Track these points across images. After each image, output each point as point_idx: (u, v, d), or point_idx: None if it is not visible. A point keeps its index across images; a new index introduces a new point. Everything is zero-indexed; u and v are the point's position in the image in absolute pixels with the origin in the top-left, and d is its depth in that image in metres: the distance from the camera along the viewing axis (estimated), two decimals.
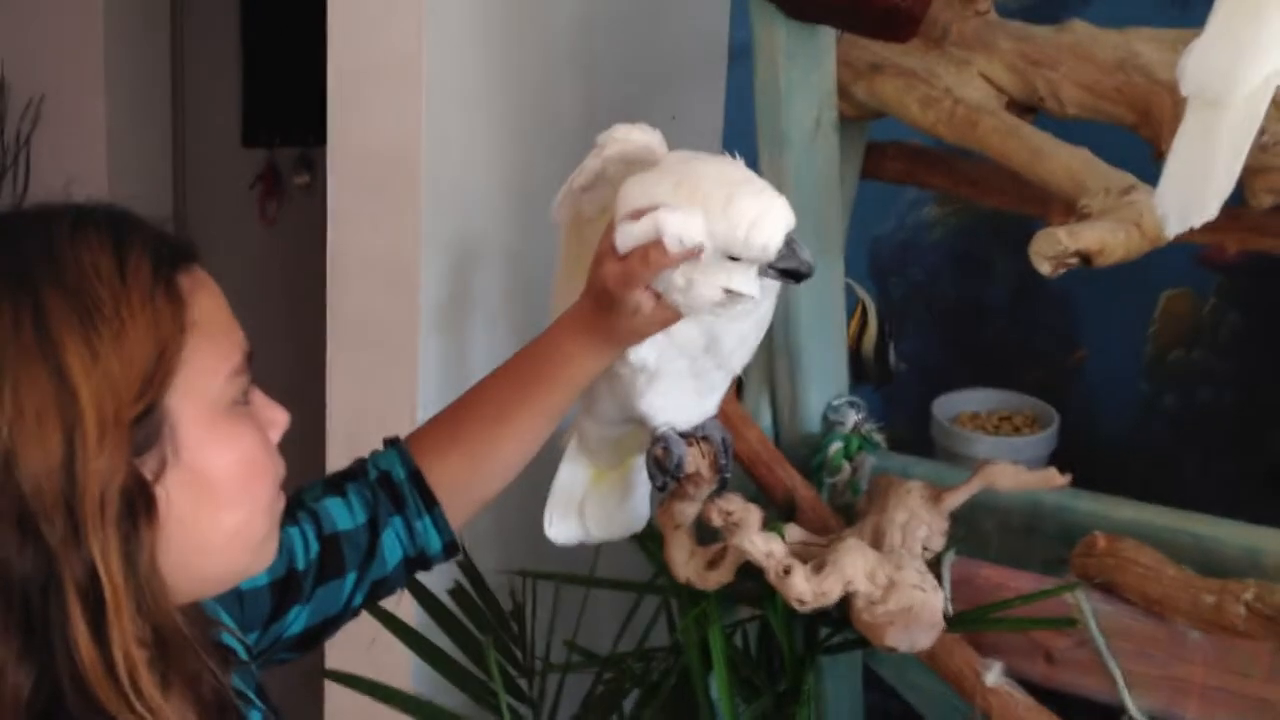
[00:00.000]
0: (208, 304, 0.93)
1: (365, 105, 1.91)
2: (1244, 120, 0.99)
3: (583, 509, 1.49)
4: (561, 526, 1.48)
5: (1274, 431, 2.24)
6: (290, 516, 1.10)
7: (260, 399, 0.98)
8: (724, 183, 1.19)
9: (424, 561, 1.25)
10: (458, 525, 1.26)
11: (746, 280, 1.21)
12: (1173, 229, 1.04)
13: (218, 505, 0.92)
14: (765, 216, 1.17)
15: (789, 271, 1.20)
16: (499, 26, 1.95)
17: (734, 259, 1.18)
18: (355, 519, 1.21)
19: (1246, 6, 1.00)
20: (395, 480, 1.23)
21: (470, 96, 1.93)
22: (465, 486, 1.25)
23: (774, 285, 1.26)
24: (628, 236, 1.18)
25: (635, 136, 1.30)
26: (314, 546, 1.18)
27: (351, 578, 1.19)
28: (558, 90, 2.07)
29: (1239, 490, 2.27)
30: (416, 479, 1.23)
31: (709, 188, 1.18)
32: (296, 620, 1.16)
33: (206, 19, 3.39)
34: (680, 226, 1.16)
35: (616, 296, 1.17)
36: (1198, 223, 1.01)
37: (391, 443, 1.27)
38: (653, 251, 1.15)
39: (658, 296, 1.20)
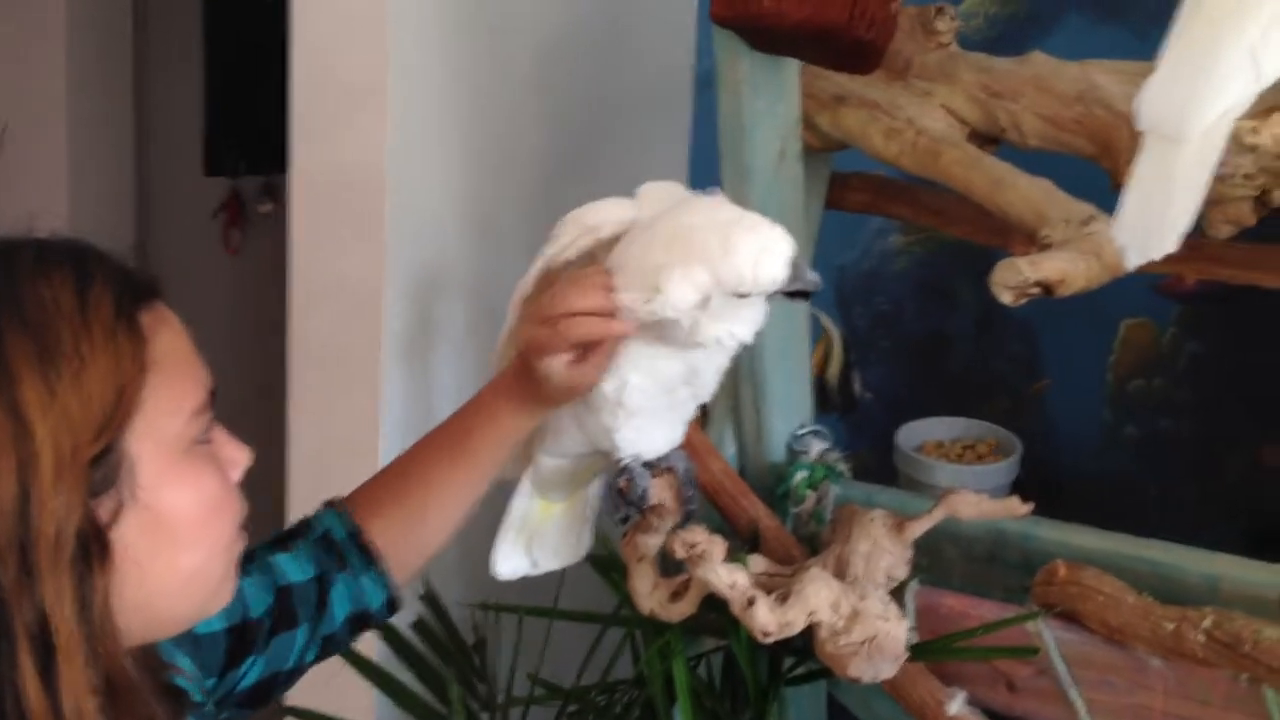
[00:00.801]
0: (170, 341, 0.92)
1: (328, 132, 1.90)
2: (1201, 156, 1.00)
3: (530, 542, 1.49)
4: (511, 561, 1.48)
5: (1233, 459, 2.26)
6: (240, 569, 1.09)
7: (222, 437, 0.97)
8: (715, 227, 1.20)
9: (366, 619, 1.24)
10: (401, 583, 1.26)
11: (755, 313, 1.23)
12: (1132, 262, 1.05)
13: (176, 547, 0.90)
14: (766, 250, 1.18)
15: (797, 293, 1.21)
16: (463, 54, 1.95)
17: (743, 296, 1.19)
18: (304, 573, 1.20)
19: (1200, 42, 1.01)
20: (336, 539, 1.23)
21: (434, 123, 1.93)
22: (405, 543, 1.26)
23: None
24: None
25: (622, 215, 1.30)
26: (267, 597, 1.16)
27: (303, 631, 1.18)
28: (523, 117, 2.07)
29: (1198, 517, 2.29)
30: (356, 537, 1.24)
31: (702, 237, 1.19)
32: (251, 670, 1.14)
33: (169, 47, 3.38)
34: (685, 292, 1.17)
35: (532, 361, 1.21)
36: (1157, 256, 1.02)
37: (329, 504, 1.27)
38: (563, 324, 1.19)
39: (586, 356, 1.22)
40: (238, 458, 0.97)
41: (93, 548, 0.85)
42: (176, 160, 3.44)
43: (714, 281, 1.18)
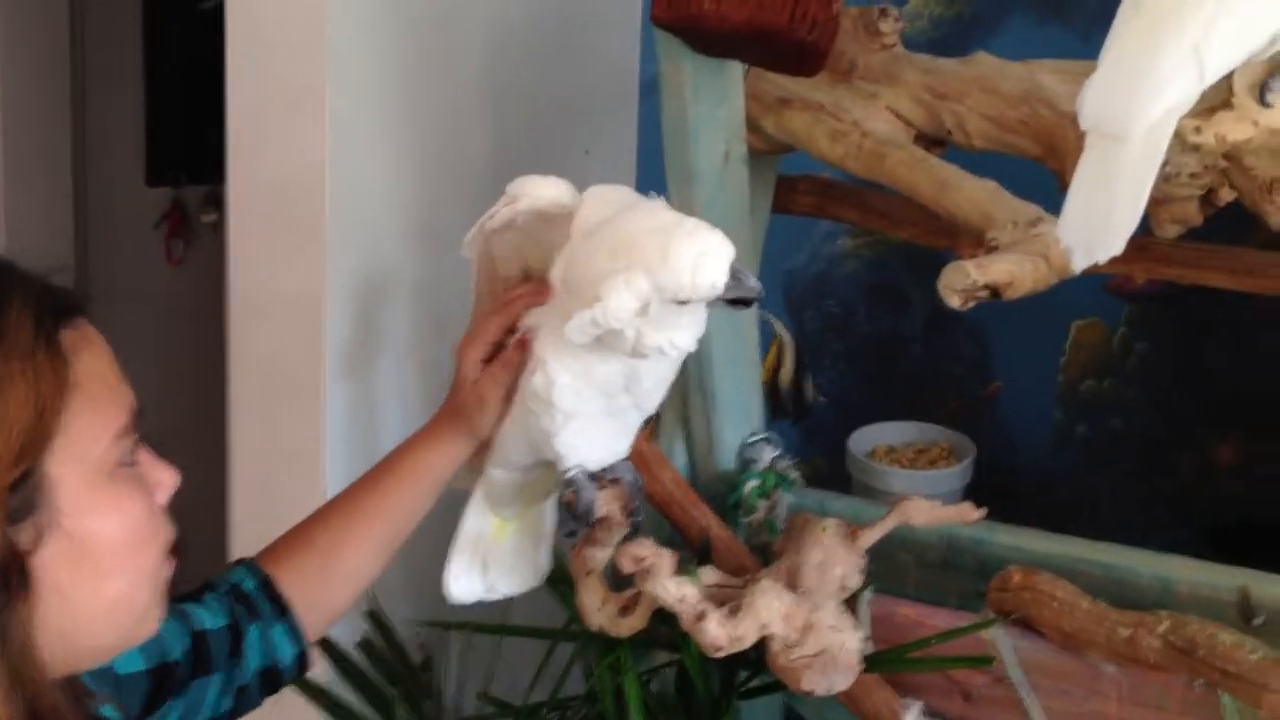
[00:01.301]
0: (92, 362, 0.88)
1: (267, 140, 1.86)
2: (1145, 155, 0.98)
3: (485, 563, 1.46)
4: (464, 583, 1.45)
5: (1184, 457, 2.26)
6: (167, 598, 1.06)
7: (148, 459, 0.93)
8: (655, 232, 1.18)
9: (277, 676, 1.21)
10: (313, 637, 1.24)
11: (696, 320, 1.21)
12: (1079, 263, 1.03)
13: (99, 574, 0.87)
14: (705, 256, 1.16)
15: (738, 300, 1.19)
16: (404, 58, 1.91)
17: (683, 302, 1.17)
18: (217, 620, 1.17)
19: (1141, 41, 0.99)
20: (246, 590, 1.21)
21: (376, 130, 1.89)
22: (318, 594, 1.24)
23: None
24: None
25: (546, 192, 1.30)
26: (184, 640, 1.13)
27: (218, 679, 1.15)
28: (466, 124, 2.04)
29: (1152, 517, 2.29)
30: (267, 586, 1.21)
31: (642, 242, 1.17)
32: (169, 716, 1.11)
33: (108, 55, 3.32)
34: (624, 300, 1.16)
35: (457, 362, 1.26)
36: (1104, 259, 1.00)
37: (238, 562, 1.25)
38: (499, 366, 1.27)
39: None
40: (164, 480, 0.94)
41: (13, 576, 0.81)
42: (117, 171, 3.37)
43: (654, 288, 1.16)
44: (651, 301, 1.16)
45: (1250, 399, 2.21)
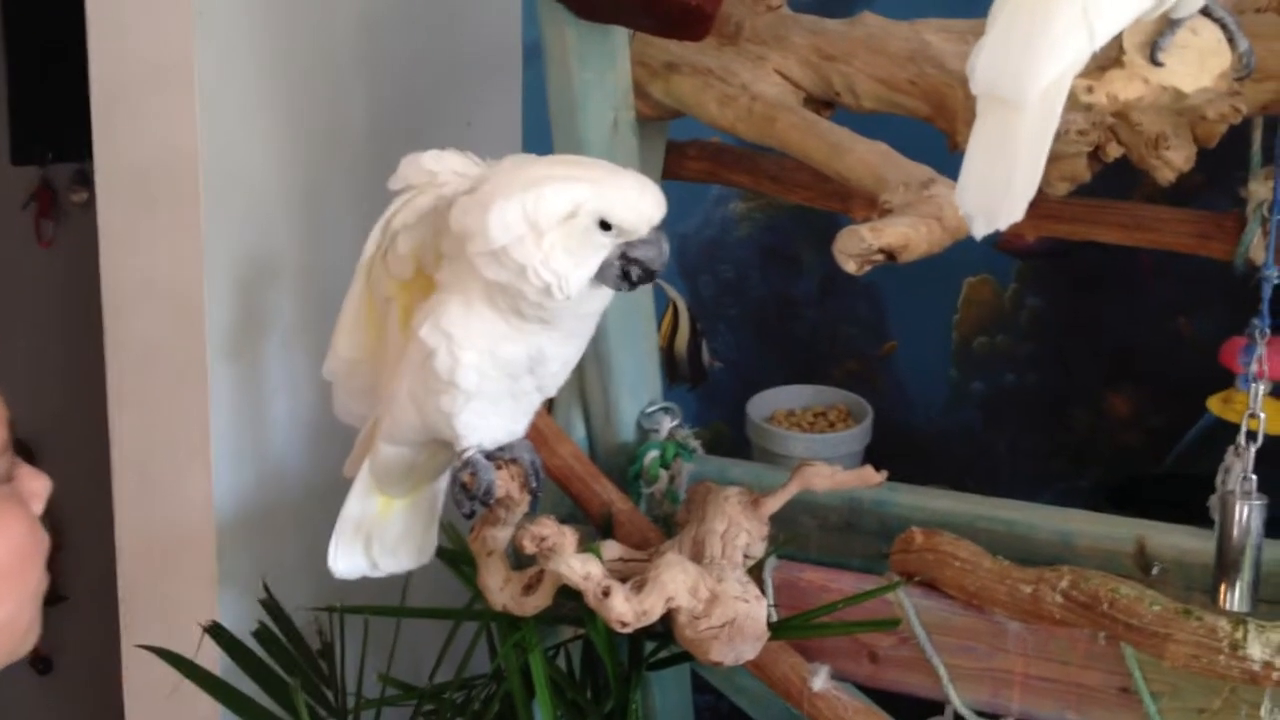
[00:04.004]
0: None
1: (134, 115, 1.78)
2: (1041, 119, 0.97)
3: (369, 540, 1.44)
4: (346, 559, 1.44)
5: (1078, 410, 2.30)
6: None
7: (22, 471, 0.89)
8: (608, 164, 1.26)
9: None
10: None
11: (587, 266, 1.22)
12: (980, 230, 1.02)
13: None
14: (650, 191, 1.23)
15: (639, 264, 1.23)
16: (277, 28, 1.84)
17: (605, 228, 1.20)
18: None
19: (1032, 5, 0.98)
20: None
21: (249, 102, 1.82)
22: None
23: (600, 307, 1.29)
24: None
25: (465, 168, 1.29)
26: None
27: None
28: (345, 95, 1.98)
29: (1049, 469, 2.33)
30: None
31: (591, 164, 1.26)
32: None
33: None
34: (560, 198, 1.19)
35: None
36: (1004, 225, 0.99)
37: None
38: None
39: None
40: (37, 488, 0.91)
41: None
42: None
43: (593, 198, 1.19)
44: (580, 214, 1.19)
45: (1141, 351, 2.25)
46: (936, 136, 1.56)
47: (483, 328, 1.26)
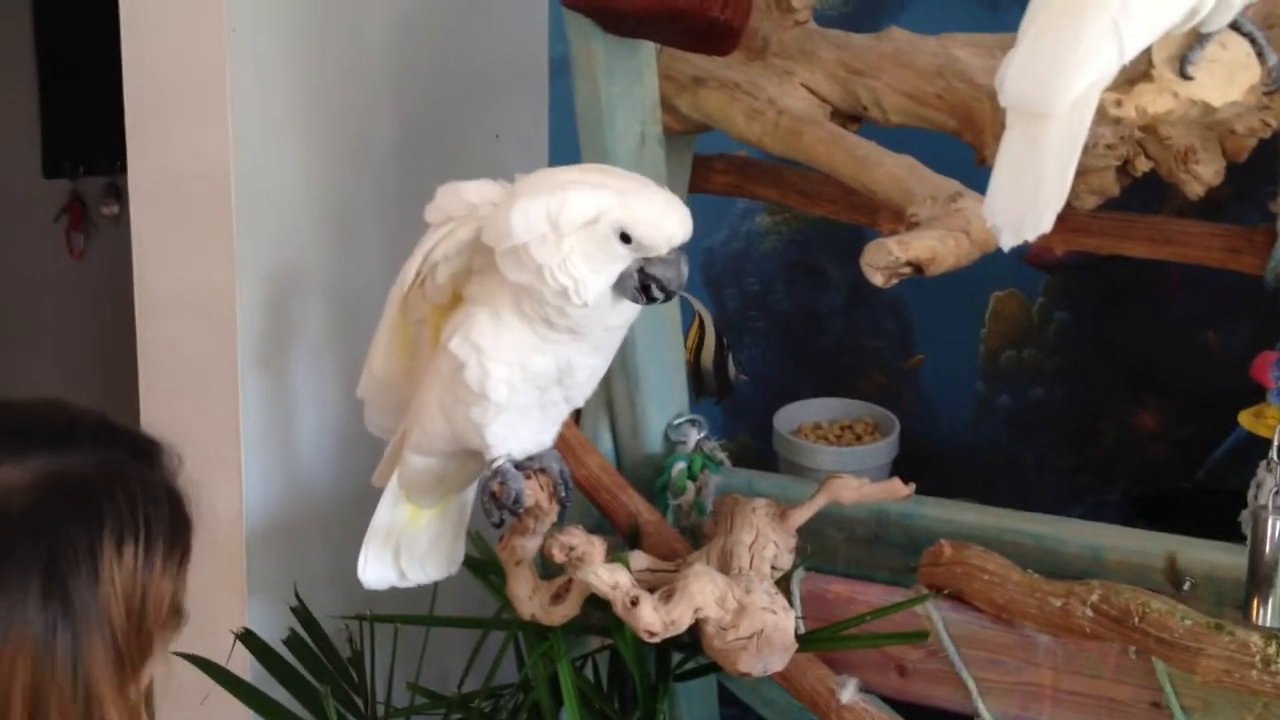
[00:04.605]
0: None
1: (167, 129, 1.80)
2: (1069, 132, 0.98)
3: (398, 550, 1.45)
4: (375, 569, 1.45)
5: (1106, 424, 2.29)
6: None
7: None
8: (643, 179, 1.26)
9: None
10: None
11: (604, 275, 1.23)
12: (1008, 243, 1.02)
13: None
14: (676, 211, 1.23)
15: (658, 282, 1.23)
16: (308, 43, 1.86)
17: (625, 240, 1.20)
18: None
19: (1061, 17, 0.98)
20: None
21: (280, 116, 1.84)
22: None
23: (627, 320, 1.29)
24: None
25: (490, 194, 1.30)
26: None
27: None
28: (374, 109, 1.99)
29: (1076, 484, 2.32)
30: None
31: (620, 174, 1.26)
32: None
33: None
34: (586, 201, 1.20)
35: None
36: (1032, 236, 1.00)
37: None
38: None
39: None
40: None
41: None
42: (10, 164, 3.27)
43: (617, 207, 1.20)
44: (601, 222, 1.19)
45: (1170, 365, 2.24)
46: (963, 150, 1.56)
47: (512, 340, 1.27)
